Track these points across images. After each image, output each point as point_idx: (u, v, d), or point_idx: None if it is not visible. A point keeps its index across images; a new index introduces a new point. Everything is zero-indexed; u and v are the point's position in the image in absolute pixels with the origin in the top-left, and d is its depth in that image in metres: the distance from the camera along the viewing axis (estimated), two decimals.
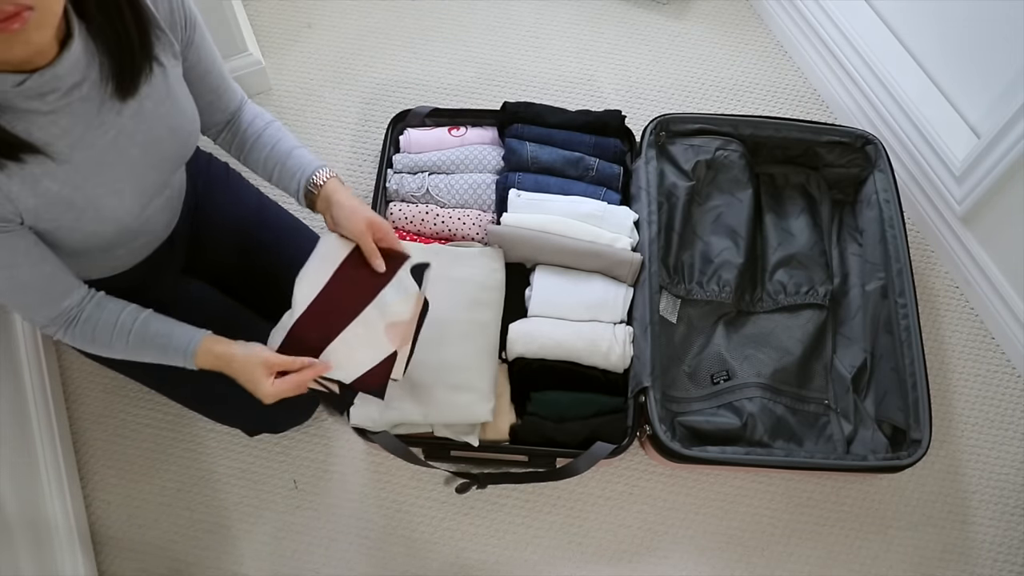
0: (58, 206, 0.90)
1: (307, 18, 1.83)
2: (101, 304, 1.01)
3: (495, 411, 1.24)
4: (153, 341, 1.02)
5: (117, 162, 0.95)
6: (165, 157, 1.02)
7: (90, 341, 1.01)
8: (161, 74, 0.96)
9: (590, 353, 1.29)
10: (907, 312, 1.33)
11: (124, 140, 0.94)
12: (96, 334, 1.01)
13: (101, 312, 1.01)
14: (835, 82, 1.74)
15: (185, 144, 1.04)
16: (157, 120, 0.97)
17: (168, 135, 0.99)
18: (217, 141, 1.18)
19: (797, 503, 1.40)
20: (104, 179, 0.94)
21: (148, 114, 0.95)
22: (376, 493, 1.38)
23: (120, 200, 0.97)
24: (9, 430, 1.23)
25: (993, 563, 1.38)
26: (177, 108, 1.00)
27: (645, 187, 1.40)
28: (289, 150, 1.12)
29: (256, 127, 1.14)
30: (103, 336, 1.01)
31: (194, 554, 1.34)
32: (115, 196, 0.96)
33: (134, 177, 0.98)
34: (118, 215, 0.98)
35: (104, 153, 0.92)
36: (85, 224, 0.94)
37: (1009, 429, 1.47)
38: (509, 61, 1.80)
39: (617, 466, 1.41)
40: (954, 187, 1.50)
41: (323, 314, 1.06)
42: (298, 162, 1.11)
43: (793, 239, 1.50)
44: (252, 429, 1.36)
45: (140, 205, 1.01)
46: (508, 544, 1.36)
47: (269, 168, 1.13)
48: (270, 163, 1.13)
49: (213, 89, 1.08)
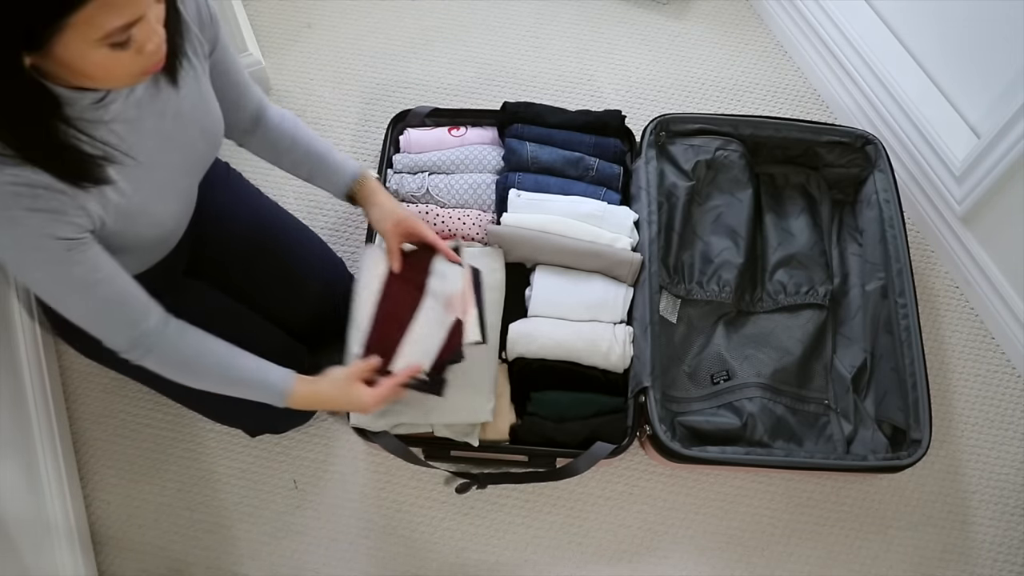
0: (117, 214, 0.91)
1: (307, 18, 1.83)
2: (183, 331, 1.01)
3: (495, 411, 1.24)
4: (245, 380, 1.04)
5: (162, 166, 0.96)
6: (198, 159, 1.03)
7: (179, 370, 1.01)
8: (194, 75, 0.97)
9: (590, 353, 1.29)
10: (907, 312, 1.33)
11: (167, 143, 0.95)
12: (185, 364, 1.01)
13: (184, 339, 1.00)
14: (835, 82, 1.74)
15: (214, 145, 1.05)
16: (192, 122, 0.98)
17: (200, 137, 1.01)
18: (245, 144, 1.18)
19: (797, 503, 1.40)
20: (153, 184, 0.95)
21: (186, 117, 0.97)
22: (376, 493, 1.38)
23: (165, 205, 0.99)
24: (9, 430, 1.23)
25: (993, 563, 1.38)
26: (207, 109, 1.01)
27: (645, 187, 1.40)
28: (325, 151, 1.18)
29: (286, 129, 1.16)
30: (193, 366, 1.01)
31: (194, 554, 1.34)
32: (161, 201, 0.98)
33: (173, 181, 1.00)
34: (163, 220, 1.00)
35: (152, 156, 0.93)
36: (137, 230, 0.95)
37: (1009, 429, 1.47)
38: (509, 61, 1.80)
39: (617, 466, 1.41)
40: (954, 187, 1.50)
41: (386, 323, 1.16)
42: (338, 163, 1.18)
43: (793, 239, 1.50)
44: (253, 430, 1.36)
45: (177, 209, 1.03)
46: (508, 544, 1.36)
47: (306, 169, 1.18)
48: (307, 164, 1.18)
49: (235, 85, 1.09)
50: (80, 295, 0.90)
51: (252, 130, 1.16)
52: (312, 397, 1.08)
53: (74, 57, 0.72)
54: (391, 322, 1.17)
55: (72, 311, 0.92)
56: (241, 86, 1.10)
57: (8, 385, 1.27)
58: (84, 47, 0.71)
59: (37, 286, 0.89)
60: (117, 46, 0.73)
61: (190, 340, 1.01)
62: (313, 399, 1.08)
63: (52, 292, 0.90)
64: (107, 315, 0.94)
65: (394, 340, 1.15)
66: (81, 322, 0.93)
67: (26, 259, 0.85)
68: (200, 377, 1.02)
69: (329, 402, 1.09)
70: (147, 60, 0.78)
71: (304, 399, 1.07)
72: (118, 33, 0.72)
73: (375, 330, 1.16)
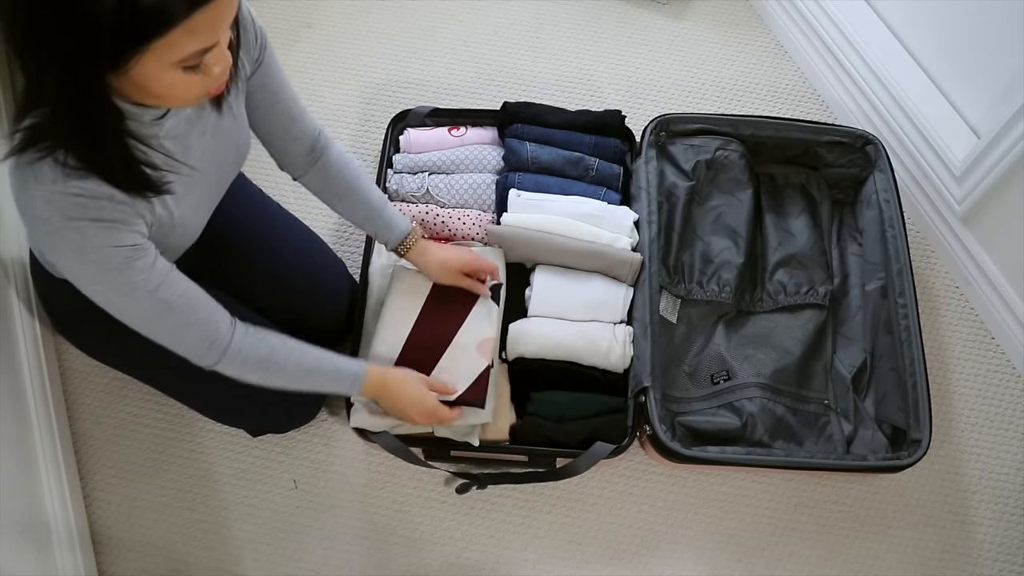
0: (160, 226, 0.92)
1: (307, 18, 1.83)
2: (251, 331, 1.02)
3: (495, 411, 1.24)
4: (321, 368, 1.07)
5: (200, 180, 0.97)
6: (227, 173, 1.05)
7: (258, 369, 1.02)
8: (235, 93, 0.98)
9: (590, 353, 1.29)
10: (907, 312, 1.33)
11: (207, 158, 0.97)
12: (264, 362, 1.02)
13: (255, 338, 1.02)
14: (835, 82, 1.74)
15: (242, 158, 1.07)
16: (227, 138, 1.00)
17: (234, 151, 1.03)
18: (302, 179, 1.18)
19: (797, 503, 1.40)
20: (192, 197, 0.97)
21: (223, 133, 0.98)
22: (376, 493, 1.38)
23: (199, 217, 1.02)
24: (9, 430, 1.23)
25: (993, 563, 1.38)
26: (239, 124, 1.02)
27: (645, 187, 1.40)
28: (382, 206, 1.20)
29: (346, 177, 1.17)
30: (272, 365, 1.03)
31: (194, 554, 1.34)
32: (196, 213, 1.00)
33: (209, 194, 1.02)
34: (195, 231, 1.02)
35: (192, 172, 0.95)
36: (170, 240, 0.96)
37: (1009, 429, 1.47)
38: (509, 61, 1.80)
39: (617, 466, 1.41)
40: (954, 187, 1.50)
41: (420, 346, 1.23)
42: (391, 219, 1.21)
43: (793, 239, 1.50)
44: (256, 430, 1.36)
45: (204, 220, 1.05)
46: (508, 544, 1.36)
47: (359, 217, 1.21)
48: (362, 213, 1.20)
49: (286, 111, 1.08)
50: (147, 305, 0.91)
51: (308, 165, 1.15)
52: (380, 385, 1.11)
53: (148, 77, 0.73)
54: (421, 352, 1.22)
55: (142, 323, 0.94)
56: (292, 113, 1.09)
57: (8, 385, 1.27)
58: (160, 69, 0.73)
59: (102, 298, 0.89)
60: (189, 69, 0.75)
61: (261, 337, 1.02)
62: (379, 389, 1.11)
63: (118, 304, 0.91)
64: (176, 322, 0.94)
65: (427, 362, 1.21)
66: (153, 334, 0.95)
67: (90, 271, 0.86)
68: (278, 373, 1.04)
69: (393, 394, 1.12)
70: (212, 83, 0.79)
71: (375, 385, 1.11)
72: (194, 57, 0.74)
73: (405, 353, 1.22)
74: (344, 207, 1.20)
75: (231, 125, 1.00)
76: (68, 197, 0.79)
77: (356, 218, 1.21)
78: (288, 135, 1.10)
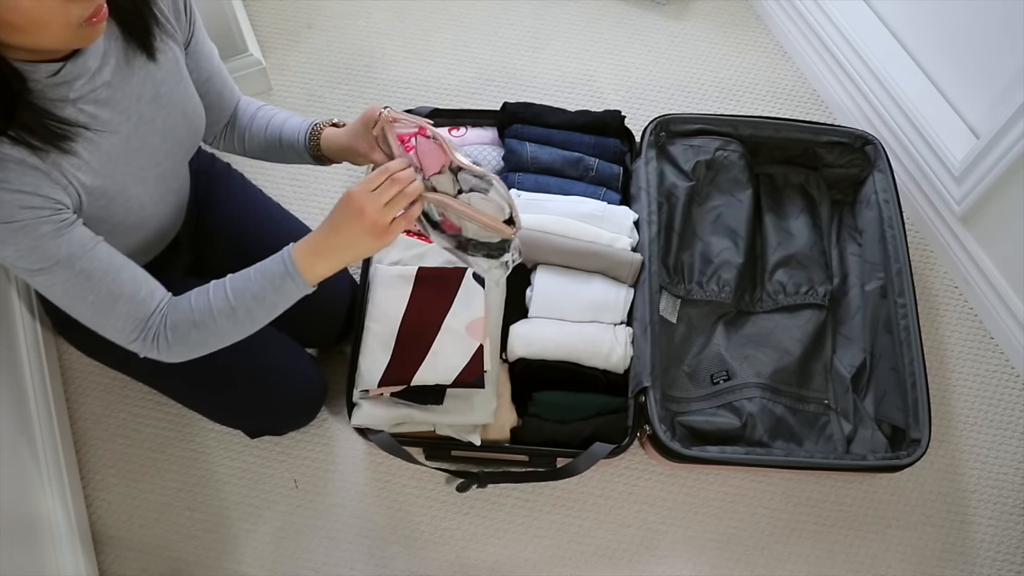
0: (93, 195, 0.90)
1: (307, 18, 1.83)
2: (176, 303, 0.95)
3: (496, 412, 1.25)
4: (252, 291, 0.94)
5: (140, 149, 0.96)
6: (179, 143, 1.03)
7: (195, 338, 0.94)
8: (174, 58, 0.97)
9: (591, 355, 1.29)
10: (906, 312, 1.33)
11: (145, 127, 0.95)
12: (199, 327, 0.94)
13: (182, 305, 0.94)
14: (834, 82, 1.74)
15: (197, 130, 1.05)
16: (173, 106, 0.98)
17: (182, 120, 1.01)
18: (219, 146, 1.19)
19: (797, 503, 1.40)
20: (131, 167, 0.95)
21: (165, 100, 0.97)
22: (376, 493, 1.38)
23: (144, 188, 0.99)
24: (10, 430, 1.23)
25: (993, 563, 1.38)
26: (188, 92, 1.01)
27: (645, 187, 1.40)
28: (283, 121, 1.13)
29: (248, 111, 1.15)
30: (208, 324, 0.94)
31: (194, 554, 1.34)
32: (140, 184, 0.97)
33: (154, 164, 1.00)
34: (143, 204, 0.99)
35: (129, 139, 0.93)
36: (119, 214, 0.95)
37: (1008, 429, 1.47)
38: (509, 61, 1.80)
39: (617, 466, 1.41)
40: (953, 187, 1.50)
41: (410, 338, 1.23)
42: (294, 126, 1.12)
43: (793, 239, 1.50)
44: (254, 431, 1.36)
45: (159, 194, 1.03)
46: (508, 544, 1.36)
47: (270, 145, 1.14)
48: (270, 140, 1.14)
49: (218, 91, 1.09)
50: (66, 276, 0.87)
51: (223, 130, 1.16)
52: (313, 238, 0.95)
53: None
54: (413, 340, 1.22)
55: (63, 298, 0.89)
56: (222, 93, 1.10)
57: (8, 385, 1.27)
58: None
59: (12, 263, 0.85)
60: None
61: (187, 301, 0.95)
62: (314, 240, 0.95)
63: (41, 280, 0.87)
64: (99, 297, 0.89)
65: (414, 357, 1.21)
66: (79, 314, 0.91)
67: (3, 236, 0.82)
68: (217, 327, 0.94)
69: (340, 228, 0.93)
70: (81, 6, 0.73)
71: (308, 245, 0.95)
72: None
73: (397, 348, 1.22)
74: (254, 144, 1.16)
75: (173, 91, 0.97)
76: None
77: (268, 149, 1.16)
78: (214, 109, 1.10)
